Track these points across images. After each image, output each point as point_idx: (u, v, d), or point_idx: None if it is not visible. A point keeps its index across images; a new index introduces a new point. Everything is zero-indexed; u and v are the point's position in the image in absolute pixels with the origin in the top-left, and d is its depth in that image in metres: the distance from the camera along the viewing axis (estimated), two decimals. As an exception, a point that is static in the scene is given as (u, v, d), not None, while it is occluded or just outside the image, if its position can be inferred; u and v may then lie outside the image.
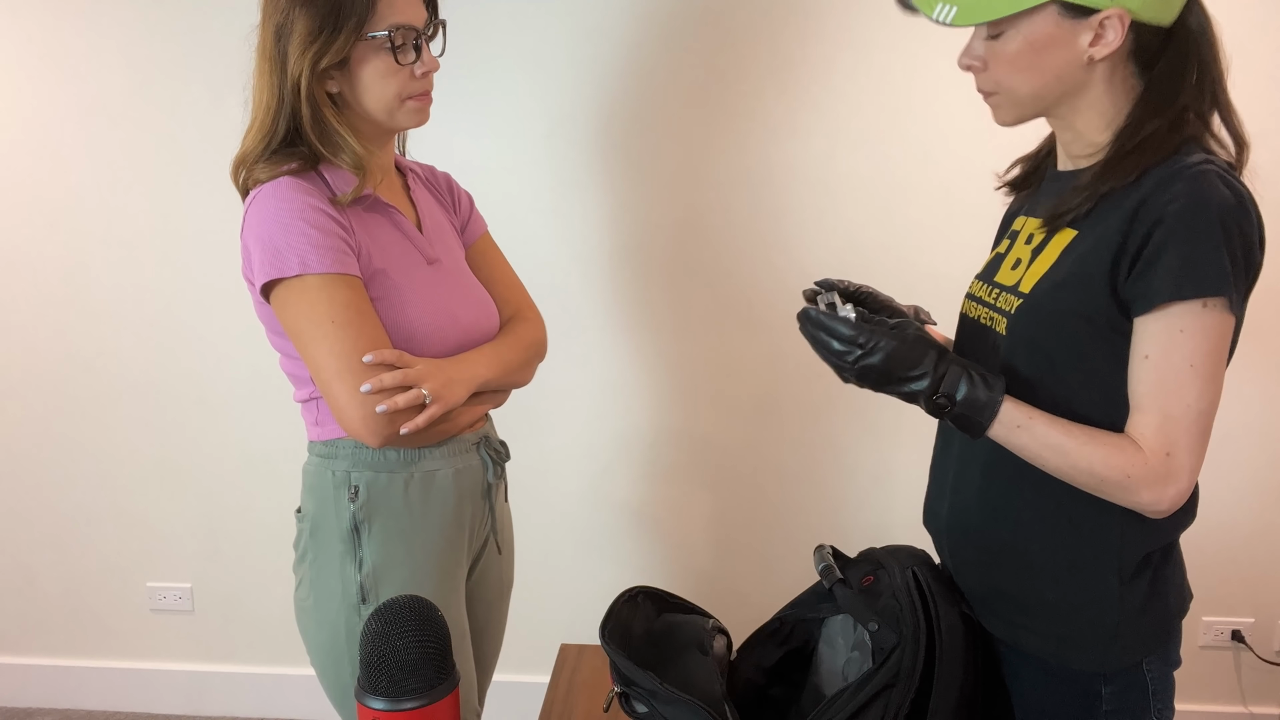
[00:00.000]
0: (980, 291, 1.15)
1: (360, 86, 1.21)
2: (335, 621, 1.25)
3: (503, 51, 2.05)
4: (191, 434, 2.29)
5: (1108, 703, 1.05)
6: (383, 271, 1.23)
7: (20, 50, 2.13)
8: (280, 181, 1.18)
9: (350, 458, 1.25)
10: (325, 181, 1.22)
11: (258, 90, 1.21)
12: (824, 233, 2.08)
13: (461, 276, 1.37)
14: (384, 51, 1.19)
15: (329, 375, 1.16)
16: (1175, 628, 1.08)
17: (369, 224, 1.25)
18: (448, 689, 0.89)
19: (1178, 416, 0.94)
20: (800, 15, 2.00)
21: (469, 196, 1.50)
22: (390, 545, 1.25)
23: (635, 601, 1.27)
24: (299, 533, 1.30)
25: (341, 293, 1.16)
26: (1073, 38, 0.97)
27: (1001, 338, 1.07)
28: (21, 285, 2.25)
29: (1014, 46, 0.99)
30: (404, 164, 1.41)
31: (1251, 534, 2.15)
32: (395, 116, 1.24)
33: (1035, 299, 1.03)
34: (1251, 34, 1.87)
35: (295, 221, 1.15)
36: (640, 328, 2.17)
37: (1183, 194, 0.92)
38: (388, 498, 1.25)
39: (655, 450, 2.23)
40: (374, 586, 1.24)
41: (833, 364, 1.03)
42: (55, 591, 2.43)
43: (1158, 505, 0.96)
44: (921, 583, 1.10)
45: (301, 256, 1.15)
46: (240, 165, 1.23)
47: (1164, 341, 0.94)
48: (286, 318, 1.18)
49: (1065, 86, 1.01)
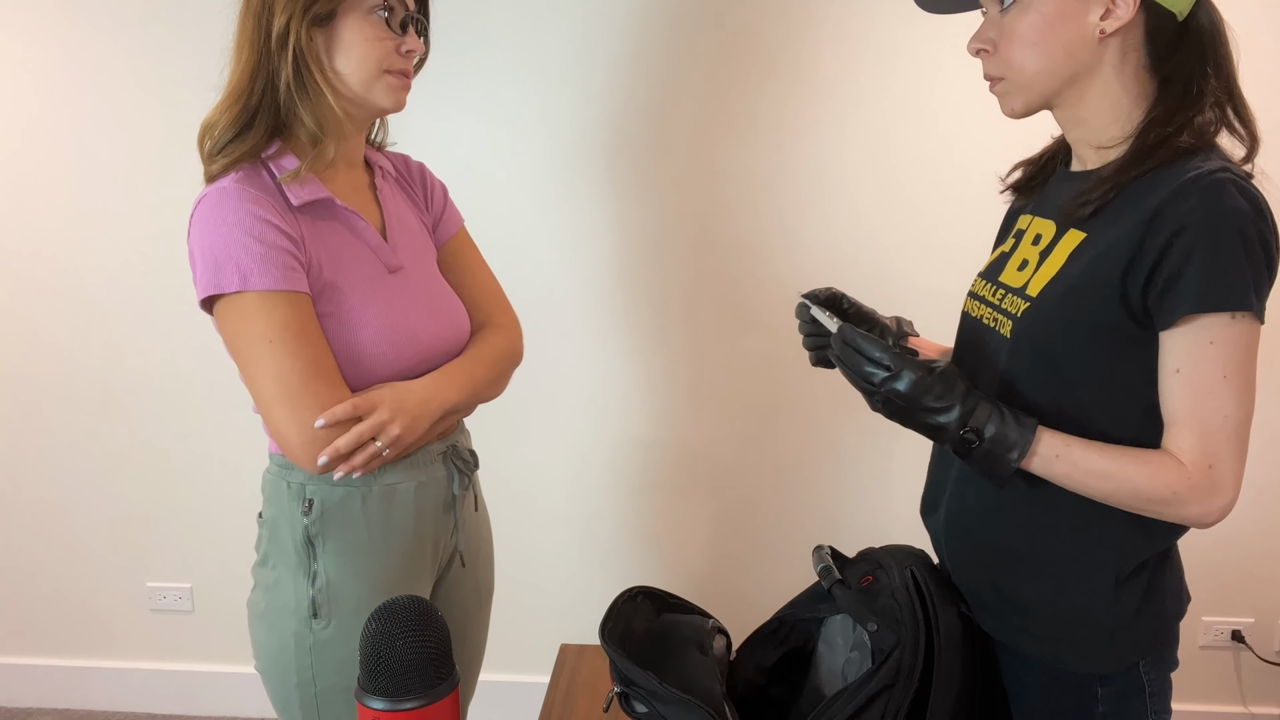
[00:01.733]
0: (983, 291, 1.14)
1: (343, 49, 1.15)
2: (284, 631, 1.22)
3: (504, 52, 2.05)
4: (191, 434, 2.29)
5: (1104, 704, 1.05)
6: (333, 285, 1.17)
7: (20, 49, 2.13)
8: (225, 187, 1.12)
9: (305, 471, 1.19)
10: (274, 177, 1.16)
11: (237, 50, 1.16)
12: (824, 235, 2.08)
13: (428, 284, 1.30)
14: (374, 14, 1.15)
15: (266, 398, 1.11)
16: (1172, 631, 1.08)
17: (322, 232, 1.18)
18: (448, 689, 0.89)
19: (1216, 429, 0.93)
20: (803, 17, 2.00)
21: (443, 188, 1.43)
22: (344, 561, 1.21)
23: (635, 601, 1.27)
24: (259, 537, 1.27)
25: (282, 311, 1.10)
26: (1084, 11, 0.98)
27: (1005, 340, 1.06)
28: (21, 285, 2.25)
29: (1026, 20, 1.00)
30: (374, 158, 1.33)
31: (1251, 534, 2.15)
32: (373, 89, 1.18)
33: (1043, 303, 1.02)
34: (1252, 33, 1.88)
35: (237, 233, 1.09)
36: (642, 328, 2.17)
37: (1203, 204, 0.91)
38: (343, 512, 1.21)
39: (655, 450, 2.23)
40: (326, 601, 1.20)
41: (861, 387, 1.02)
42: (55, 591, 2.43)
43: (1205, 519, 0.95)
44: (920, 583, 1.10)
45: (242, 271, 1.09)
46: (205, 136, 1.17)
47: (1195, 354, 0.93)
48: (225, 335, 1.14)
49: (1075, 65, 1.00)
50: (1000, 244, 1.21)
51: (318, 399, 1.11)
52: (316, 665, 1.21)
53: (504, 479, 2.27)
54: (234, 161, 1.14)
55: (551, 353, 2.20)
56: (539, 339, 2.19)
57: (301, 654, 1.21)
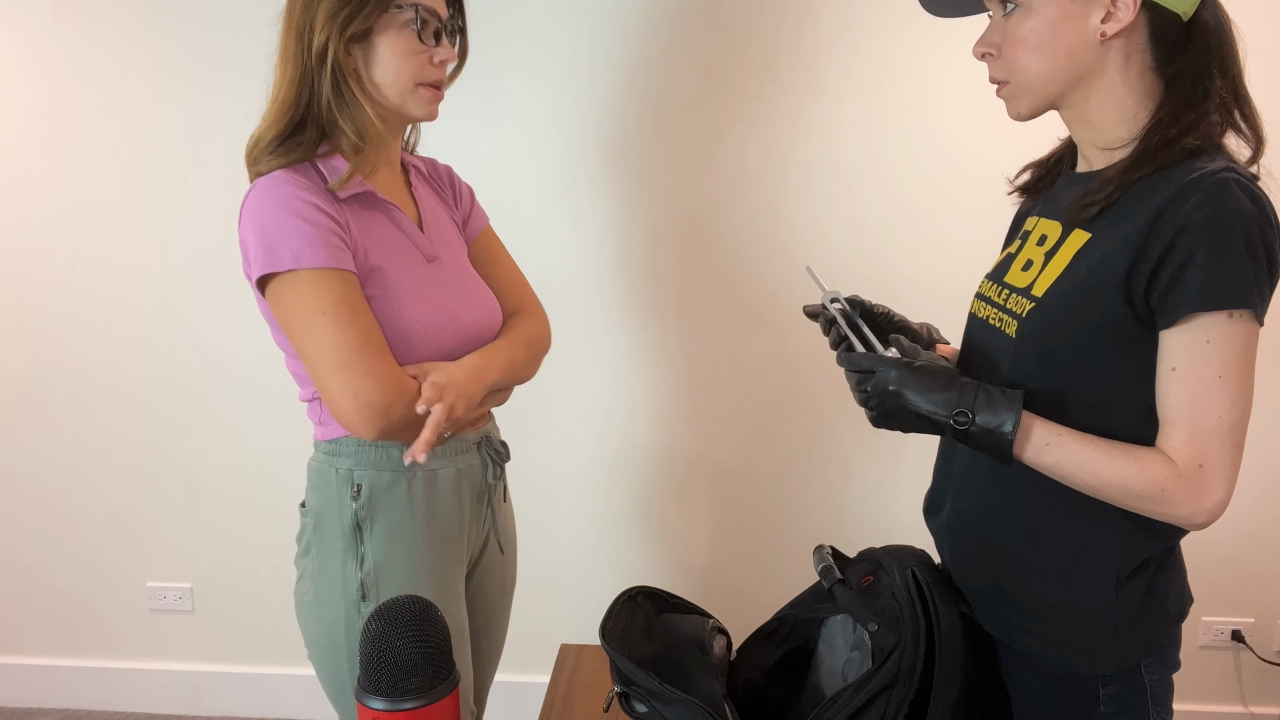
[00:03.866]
0: (990, 292, 1.15)
1: (379, 63, 1.22)
2: (335, 618, 1.25)
3: (509, 50, 2.05)
4: (191, 434, 2.29)
5: (1105, 704, 1.04)
6: (379, 269, 1.23)
7: (20, 49, 2.13)
8: (274, 175, 1.18)
9: (354, 456, 1.25)
10: (321, 174, 1.22)
11: (281, 65, 1.22)
12: (832, 234, 2.08)
13: (463, 274, 1.37)
14: (407, 29, 1.21)
15: (322, 369, 1.16)
16: (1174, 631, 1.08)
17: (366, 221, 1.24)
18: (448, 689, 0.89)
19: (1209, 429, 0.93)
20: (808, 16, 2.00)
21: (470, 190, 1.50)
22: (391, 543, 1.25)
23: (635, 601, 1.27)
24: (303, 527, 1.31)
25: (334, 287, 1.16)
26: (1085, 13, 0.98)
27: (1010, 340, 1.06)
28: (21, 284, 2.25)
29: (1028, 24, 1.00)
30: (408, 160, 1.41)
31: (1251, 534, 2.15)
32: (407, 101, 1.25)
33: (1048, 304, 1.02)
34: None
35: (288, 216, 1.16)
36: (645, 328, 2.17)
37: (1206, 203, 0.91)
38: (390, 496, 1.25)
39: (657, 450, 2.23)
40: (375, 584, 1.24)
41: (858, 400, 1.05)
42: (55, 591, 2.43)
43: (1195, 518, 0.95)
44: (921, 583, 1.10)
45: (294, 251, 1.15)
46: (254, 147, 1.24)
47: (1191, 353, 0.93)
48: (280, 313, 1.19)
49: (1079, 68, 1.01)
50: (1008, 245, 1.21)
51: (371, 368, 1.16)
52: None
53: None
54: (285, 164, 1.20)
55: (556, 354, 2.19)
56: (539, 339, 2.19)
57: (352, 638, 1.24)
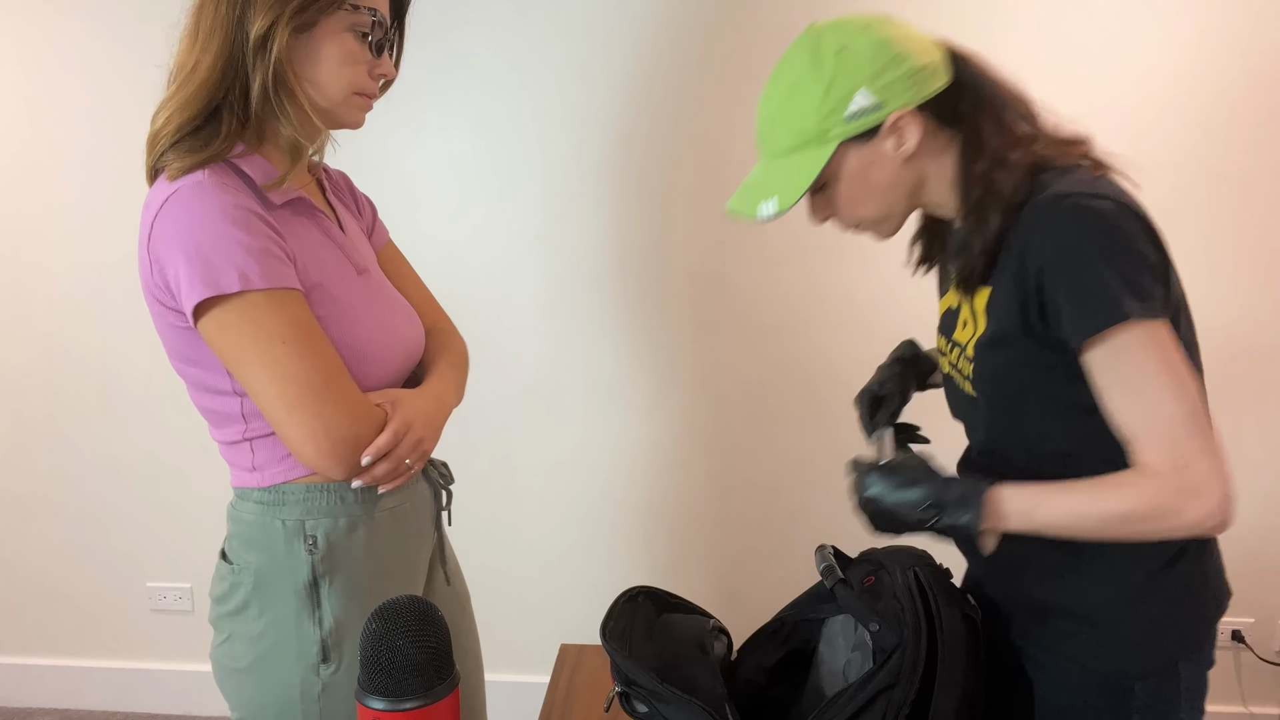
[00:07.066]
0: (944, 347, 1.17)
1: (319, 61, 1.08)
2: (288, 684, 1.12)
3: (502, 52, 2.05)
4: (192, 433, 2.29)
5: (1138, 701, 1.04)
6: (319, 285, 1.10)
7: (19, 48, 2.13)
8: (198, 180, 1.02)
9: (302, 504, 1.12)
10: (243, 174, 1.07)
11: (202, 35, 1.07)
12: (829, 235, 2.08)
13: (386, 286, 1.26)
14: (354, 32, 1.09)
15: (286, 403, 1.03)
16: (1211, 628, 1.08)
17: (297, 230, 1.11)
18: (448, 689, 0.89)
19: (1170, 431, 0.93)
20: (808, 16, 1.99)
21: (370, 200, 1.39)
22: (350, 598, 1.14)
23: (636, 601, 1.27)
24: (231, 585, 1.16)
25: (290, 309, 1.03)
26: (879, 153, 1.02)
27: (972, 398, 1.09)
28: (20, 284, 2.25)
29: (841, 188, 1.04)
30: (313, 166, 1.28)
31: (1251, 534, 2.15)
32: (339, 107, 1.12)
33: (981, 360, 1.05)
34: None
35: (229, 228, 1.01)
36: (644, 329, 2.17)
37: (1050, 233, 0.93)
38: (350, 545, 1.14)
39: (657, 451, 2.23)
40: (338, 644, 1.13)
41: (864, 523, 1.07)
42: (55, 591, 2.43)
43: (1208, 521, 0.93)
44: (923, 583, 1.09)
45: (241, 269, 1.00)
46: (158, 133, 1.07)
47: (1111, 370, 0.94)
48: (226, 341, 1.04)
49: (905, 188, 1.05)
50: (943, 294, 1.21)
51: (344, 398, 1.06)
52: (327, 710, 1.14)
53: (506, 479, 2.27)
54: (201, 162, 1.04)
55: (554, 354, 2.19)
56: (542, 341, 2.19)
57: (309, 702, 1.13)
